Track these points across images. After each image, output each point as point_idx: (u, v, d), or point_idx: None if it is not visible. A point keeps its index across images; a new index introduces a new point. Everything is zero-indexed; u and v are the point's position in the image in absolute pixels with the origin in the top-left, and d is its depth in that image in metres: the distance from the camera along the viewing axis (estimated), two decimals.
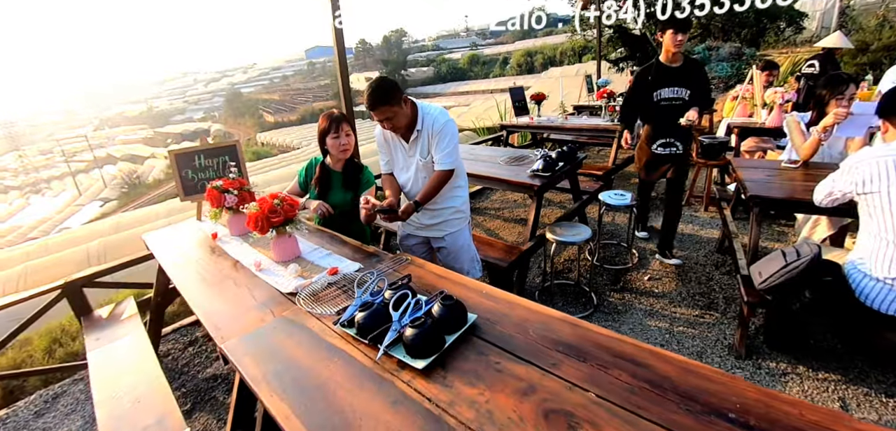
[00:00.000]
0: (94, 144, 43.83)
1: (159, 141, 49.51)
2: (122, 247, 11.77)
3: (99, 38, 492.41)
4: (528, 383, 1.20)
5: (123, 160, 41.18)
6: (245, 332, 1.54)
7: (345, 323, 1.47)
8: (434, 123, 2.19)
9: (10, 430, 2.55)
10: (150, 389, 1.94)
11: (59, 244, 13.34)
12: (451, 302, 1.43)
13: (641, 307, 3.22)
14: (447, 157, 2.18)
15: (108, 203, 30.13)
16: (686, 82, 3.22)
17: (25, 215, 30.45)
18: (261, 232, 1.96)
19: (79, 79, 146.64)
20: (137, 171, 35.42)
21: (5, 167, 44.70)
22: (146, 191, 31.44)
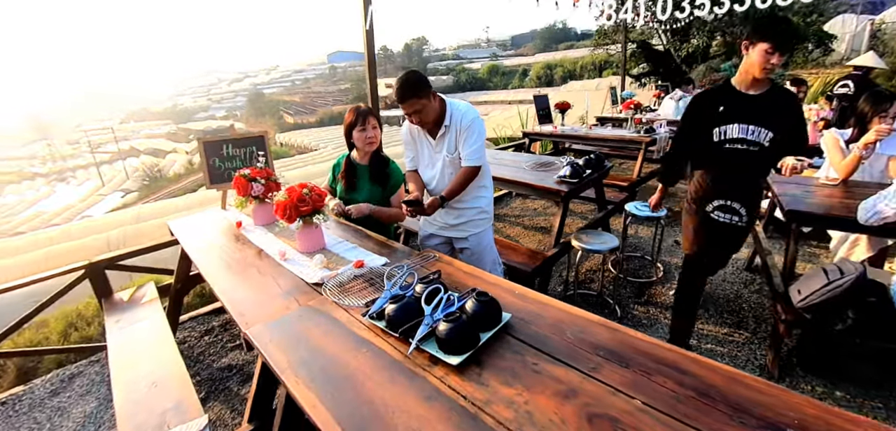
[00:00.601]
0: (119, 137, 44.96)
1: (182, 136, 50.58)
2: (141, 237, 12.00)
3: (128, 35, 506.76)
4: (568, 386, 1.14)
5: (146, 153, 42.13)
6: (270, 319, 1.51)
7: (374, 315, 1.42)
8: (462, 119, 2.15)
9: (25, 407, 2.56)
10: (168, 374, 1.92)
11: (80, 231, 13.66)
12: (485, 299, 1.37)
13: (667, 321, 3.12)
14: (475, 154, 2.14)
15: (129, 194, 30.82)
16: (768, 120, 2.12)
17: (50, 202, 31.29)
18: (288, 221, 1.93)
19: (106, 72, 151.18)
20: (159, 165, 36.17)
21: (34, 155, 46.11)
22: (166, 184, 32.08)
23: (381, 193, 2.53)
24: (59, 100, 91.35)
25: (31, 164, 43.48)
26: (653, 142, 4.61)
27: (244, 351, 2.90)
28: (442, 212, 2.42)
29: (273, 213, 2.54)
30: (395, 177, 2.54)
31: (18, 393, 2.65)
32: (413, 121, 2.15)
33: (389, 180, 2.53)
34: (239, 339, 3.05)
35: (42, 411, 2.51)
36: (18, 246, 12.42)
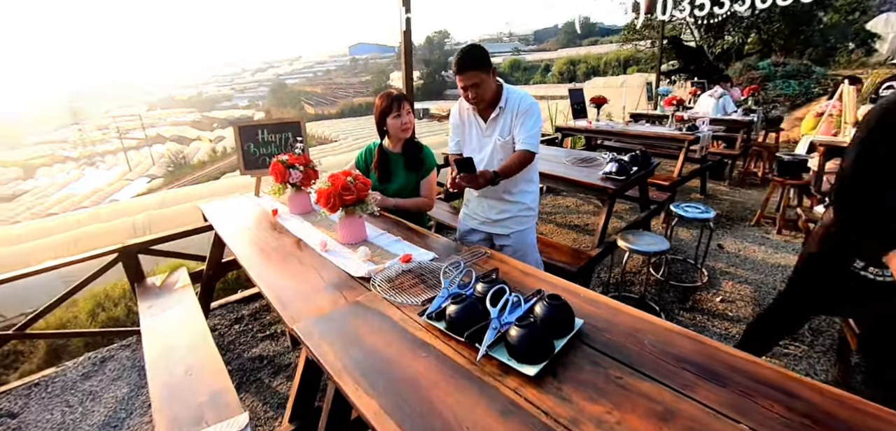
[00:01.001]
0: (146, 124, 46.02)
1: (206, 124, 51.52)
2: (166, 222, 12.21)
3: (155, 25, 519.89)
4: (662, 405, 1.00)
5: (172, 140, 43.04)
6: (316, 314, 1.40)
7: (432, 315, 1.30)
8: (520, 102, 2.02)
9: (57, 389, 2.53)
10: (204, 364, 1.84)
11: (108, 214, 13.98)
12: (558, 303, 1.24)
13: (716, 330, 2.93)
14: (532, 139, 2.00)
15: (154, 179, 31.53)
16: None
17: (80, 185, 32.23)
18: (331, 211, 1.83)
19: (133, 61, 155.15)
20: (183, 152, 36.90)
21: (65, 139, 47.57)
22: (191, 171, 32.70)
23: (415, 180, 2.42)
24: (90, 87, 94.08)
25: (62, 148, 44.87)
26: (696, 140, 4.38)
27: (275, 342, 2.83)
28: (484, 205, 2.30)
29: (310, 202, 2.47)
30: (428, 161, 2.44)
31: (51, 375, 2.63)
32: (468, 97, 2.02)
33: (423, 165, 2.41)
34: (270, 330, 2.98)
35: (74, 394, 2.48)
36: (53, 226, 12.77)
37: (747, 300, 3.22)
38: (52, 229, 12.83)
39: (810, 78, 9.05)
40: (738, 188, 5.73)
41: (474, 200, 2.35)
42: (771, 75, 9.32)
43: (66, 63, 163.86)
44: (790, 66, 9.42)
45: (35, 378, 2.60)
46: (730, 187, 5.75)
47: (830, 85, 8.78)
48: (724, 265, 3.72)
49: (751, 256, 3.87)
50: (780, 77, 9.20)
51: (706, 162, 4.84)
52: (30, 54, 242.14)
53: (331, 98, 57.51)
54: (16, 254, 10.59)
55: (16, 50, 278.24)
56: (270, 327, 3.00)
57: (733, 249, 3.99)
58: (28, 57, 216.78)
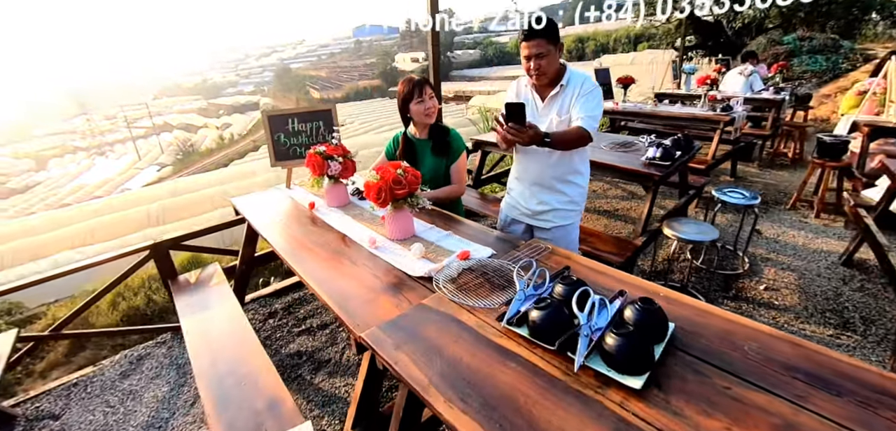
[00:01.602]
0: (153, 112, 46.06)
1: (212, 112, 51.45)
2: (179, 211, 12.24)
3: (158, 11, 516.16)
4: (781, 418, 0.93)
5: (179, 128, 43.06)
6: (381, 319, 1.33)
7: (512, 320, 1.22)
8: (584, 83, 1.91)
9: (97, 389, 2.50)
10: (256, 369, 1.79)
11: (121, 203, 14.05)
12: (651, 307, 1.15)
13: (762, 319, 2.83)
14: (591, 119, 1.88)
15: (164, 168, 31.63)
16: None
17: (91, 175, 32.44)
18: (381, 206, 1.74)
19: (139, 47, 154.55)
20: (191, 140, 36.91)
21: (74, 129, 47.77)
22: (199, 158, 32.77)
23: (445, 166, 2.33)
24: (94, 76, 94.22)
25: (72, 138, 45.12)
26: (731, 121, 4.22)
27: (312, 337, 2.78)
28: (526, 194, 2.19)
29: (347, 194, 2.39)
30: (456, 144, 2.34)
31: (90, 375, 2.60)
32: (529, 68, 1.90)
33: (450, 148, 2.32)
34: (305, 324, 2.93)
35: (114, 394, 2.45)
36: (68, 216, 12.86)
37: (792, 288, 3.12)
38: (67, 220, 12.92)
39: (838, 53, 8.73)
40: (768, 169, 5.56)
41: (517, 189, 2.25)
42: (796, 50, 9.01)
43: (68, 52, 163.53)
44: (816, 41, 9.10)
45: (73, 379, 2.57)
46: (759, 169, 5.59)
47: (859, 60, 8.49)
48: (763, 251, 3.60)
49: (790, 241, 3.75)
50: (805, 52, 8.88)
51: (738, 143, 4.68)
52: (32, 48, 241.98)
53: (336, 82, 57.08)
54: (32, 246, 10.68)
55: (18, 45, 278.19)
56: (305, 321, 2.95)
57: (771, 234, 3.87)
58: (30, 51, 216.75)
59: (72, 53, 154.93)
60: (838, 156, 3.93)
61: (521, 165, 2.17)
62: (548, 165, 2.07)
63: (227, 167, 19.64)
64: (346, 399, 2.28)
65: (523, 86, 2.09)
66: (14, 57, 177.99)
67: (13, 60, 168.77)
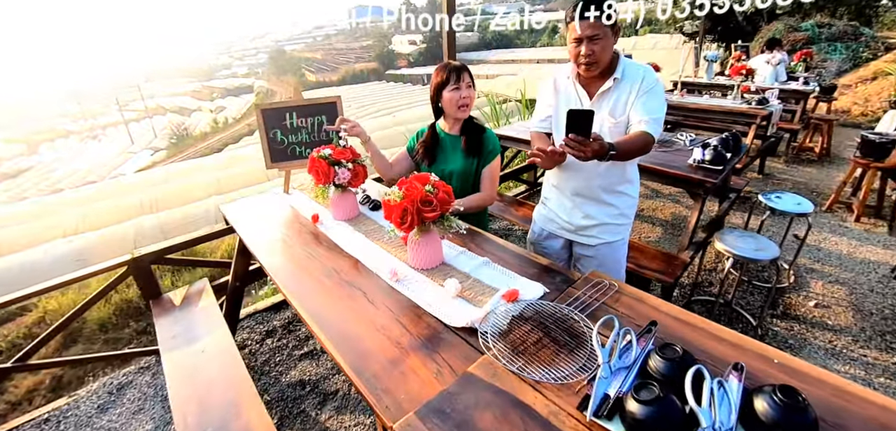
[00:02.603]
0: (146, 95, 45.14)
1: (206, 94, 50.54)
2: (171, 198, 11.88)
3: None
4: None
5: (172, 111, 42.26)
6: (416, 396, 1.01)
7: (600, 412, 0.90)
8: (645, 77, 1.57)
9: (70, 425, 2.19)
10: (249, 427, 1.47)
11: (114, 190, 13.67)
12: (794, 401, 0.83)
13: (817, 342, 2.55)
14: (656, 123, 1.54)
15: (157, 152, 31.01)
16: None
17: (84, 160, 31.79)
18: (407, 230, 1.41)
19: (130, 28, 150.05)
20: (185, 124, 36.21)
21: (65, 113, 46.81)
22: (193, 142, 32.12)
23: (475, 167, 1.99)
24: (84, 57, 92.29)
25: (62, 122, 44.22)
26: (768, 116, 3.89)
27: (316, 362, 2.47)
28: (567, 206, 1.87)
29: (357, 204, 2.06)
30: (491, 145, 1.99)
31: (62, 407, 2.28)
32: (578, 54, 1.55)
33: (483, 149, 1.98)
34: (307, 345, 2.61)
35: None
36: (60, 203, 12.47)
37: (844, 305, 2.83)
38: (60, 206, 12.55)
39: (858, 41, 8.35)
40: (795, 165, 5.25)
41: (555, 199, 1.92)
42: (815, 38, 8.63)
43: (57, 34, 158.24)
44: (835, 28, 8.71)
45: (44, 413, 2.25)
46: (786, 164, 5.27)
47: (880, 48, 8.13)
48: (807, 260, 3.31)
49: (834, 249, 3.45)
50: (824, 40, 8.51)
51: (770, 139, 4.36)
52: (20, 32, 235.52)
53: (332, 64, 56.09)
54: (25, 234, 10.31)
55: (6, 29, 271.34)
56: (307, 342, 2.63)
57: (812, 240, 3.57)
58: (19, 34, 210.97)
59: (61, 35, 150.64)
60: (884, 156, 3.62)
61: (562, 172, 1.83)
62: (595, 173, 1.74)
63: (221, 153, 19.17)
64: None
65: (563, 78, 1.73)
66: (2, 41, 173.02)
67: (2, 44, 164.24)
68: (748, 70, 4.28)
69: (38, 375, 4.36)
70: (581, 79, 1.67)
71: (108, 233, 9.35)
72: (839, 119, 6.84)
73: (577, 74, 1.67)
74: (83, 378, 3.18)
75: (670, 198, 4.46)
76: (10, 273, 7.76)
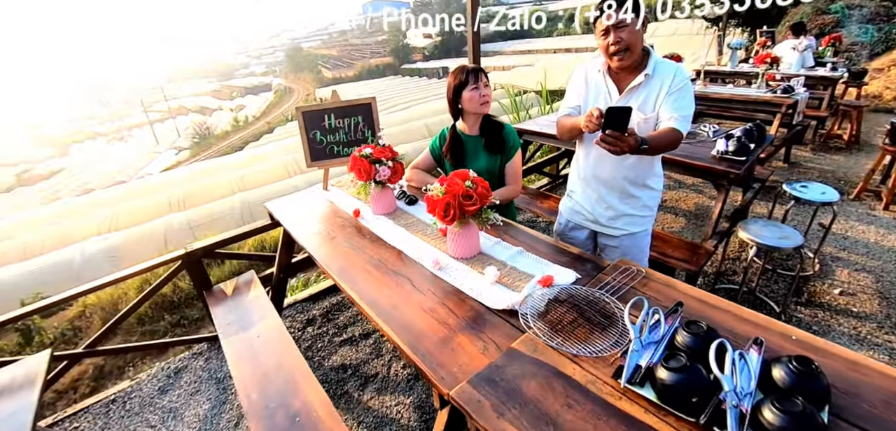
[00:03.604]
0: (168, 95, 46.34)
1: (226, 94, 51.60)
2: (197, 196, 12.26)
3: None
4: None
5: (194, 111, 43.30)
6: (466, 368, 1.14)
7: (633, 380, 1.02)
8: (675, 75, 1.65)
9: (136, 406, 2.40)
10: (308, 402, 1.63)
11: (142, 189, 14.20)
12: (808, 368, 0.94)
13: (843, 330, 2.59)
14: (686, 120, 1.63)
15: (181, 151, 31.90)
16: None
17: (111, 161, 32.91)
18: (448, 223, 1.54)
19: (151, 30, 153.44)
20: (207, 123, 37.11)
21: (92, 115, 48.43)
22: (215, 141, 32.93)
23: (499, 164, 2.11)
24: (108, 60, 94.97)
25: (90, 124, 45.74)
26: (794, 104, 3.89)
27: (355, 348, 2.63)
28: (592, 198, 1.96)
29: (394, 199, 2.20)
30: (512, 141, 2.10)
31: (126, 390, 2.50)
32: (607, 46, 1.63)
33: (505, 145, 2.09)
34: (346, 332, 2.78)
35: (153, 412, 2.34)
36: (92, 203, 13.02)
37: (870, 292, 2.85)
38: (91, 206, 13.11)
39: (891, 21, 8.11)
40: (823, 153, 5.19)
41: (581, 191, 2.01)
42: (844, 20, 8.42)
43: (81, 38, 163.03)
44: (867, 9, 8.46)
45: (111, 394, 2.47)
46: (813, 152, 5.22)
47: None
48: (833, 249, 3.32)
49: (860, 237, 3.45)
50: (855, 22, 8.29)
51: (796, 127, 4.34)
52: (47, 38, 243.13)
53: (347, 60, 56.51)
54: (58, 233, 10.83)
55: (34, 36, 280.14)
56: (346, 329, 2.80)
57: (838, 229, 3.57)
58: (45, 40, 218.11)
59: (85, 39, 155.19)
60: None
61: (588, 164, 1.92)
62: (622, 167, 1.82)
63: (243, 150, 19.66)
64: (399, 420, 2.13)
65: (594, 71, 1.81)
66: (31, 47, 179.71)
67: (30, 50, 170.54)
68: (773, 58, 4.27)
69: (82, 364, 4.67)
70: (611, 73, 1.75)
71: (138, 231, 9.75)
72: (870, 105, 6.69)
73: (607, 68, 1.75)
74: (123, 368, 3.44)
75: (693, 187, 4.49)
76: (46, 271, 8.18)
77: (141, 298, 2.53)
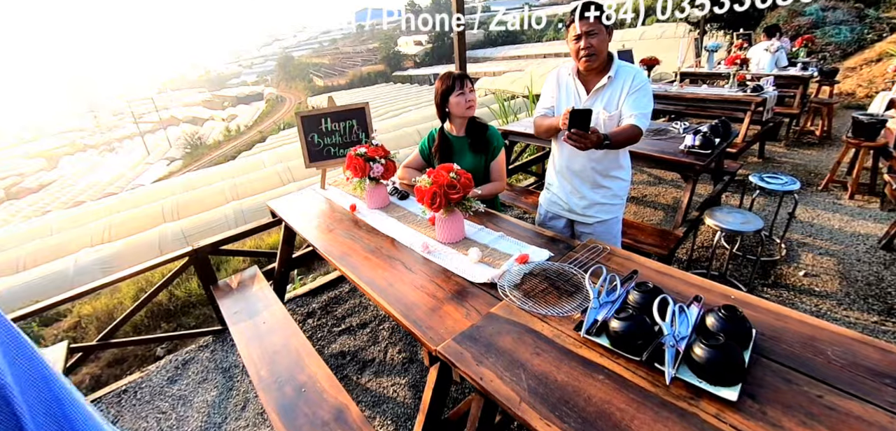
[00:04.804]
0: (159, 106, 46.23)
1: (217, 104, 51.53)
2: (191, 206, 12.32)
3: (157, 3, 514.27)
4: (880, 427, 0.92)
5: (185, 121, 43.24)
6: (452, 331, 1.33)
7: (591, 330, 1.21)
8: (635, 77, 1.88)
9: (147, 395, 2.55)
10: (313, 376, 1.81)
11: (135, 200, 14.21)
12: (733, 314, 1.14)
13: (805, 308, 2.81)
14: (645, 117, 1.85)
15: (173, 162, 31.85)
16: None
17: (102, 172, 32.77)
18: (435, 210, 1.73)
19: (140, 40, 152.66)
20: (198, 133, 37.08)
21: (83, 127, 48.16)
22: (207, 151, 32.92)
23: (484, 163, 2.31)
24: (97, 71, 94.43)
25: (81, 136, 45.49)
26: (763, 102, 4.13)
27: (353, 337, 2.80)
28: (567, 189, 2.17)
29: (387, 195, 2.38)
30: (496, 141, 2.32)
31: (137, 380, 2.65)
32: (578, 50, 1.85)
33: (490, 146, 2.30)
34: (344, 323, 2.95)
35: (164, 400, 2.49)
36: (84, 215, 13.02)
37: (832, 274, 3.08)
38: (83, 218, 13.09)
39: (863, 22, 8.46)
40: (796, 149, 5.45)
41: (557, 183, 2.23)
42: (819, 21, 8.76)
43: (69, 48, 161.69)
44: (840, 11, 8.82)
45: (123, 385, 2.62)
46: (787, 148, 5.48)
47: (885, 29, 8.23)
48: (799, 235, 3.55)
49: (826, 225, 3.69)
50: (830, 23, 8.63)
51: (768, 124, 4.58)
52: (35, 47, 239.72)
53: (339, 68, 56.74)
54: (51, 246, 10.84)
55: (21, 45, 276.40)
56: (344, 320, 2.97)
57: (806, 218, 3.81)
58: (33, 50, 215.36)
59: (74, 51, 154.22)
60: (874, 136, 3.84)
61: (562, 159, 2.14)
62: (591, 160, 2.04)
63: (236, 160, 19.73)
64: (395, 398, 2.30)
65: (565, 74, 2.04)
66: (18, 58, 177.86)
67: (18, 61, 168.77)
68: (743, 59, 4.52)
69: (88, 365, 4.78)
70: (580, 75, 1.98)
71: (133, 241, 9.80)
72: (842, 102, 6.99)
73: (576, 71, 1.98)
74: (121, 376, 3.57)
75: (672, 183, 4.72)
76: (39, 284, 8.17)
77: (151, 293, 2.69)
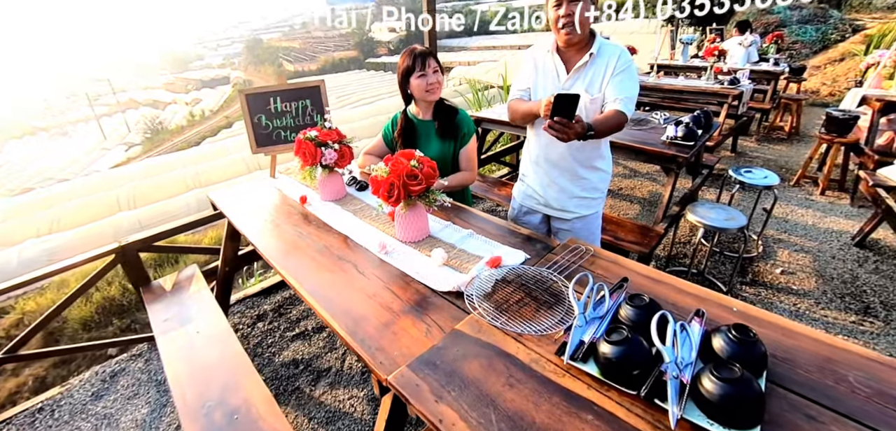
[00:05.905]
0: (117, 88, 43.74)
1: (180, 87, 49.20)
2: (150, 194, 11.61)
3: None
4: None
5: (145, 105, 41.04)
6: (408, 352, 1.09)
7: (576, 356, 0.99)
8: (620, 57, 1.66)
9: (65, 414, 2.21)
10: (249, 398, 1.53)
11: (88, 188, 13.28)
12: (746, 335, 0.94)
13: (783, 306, 2.72)
14: (630, 102, 1.65)
15: (132, 147, 30.18)
16: None
17: (53, 158, 30.74)
18: (394, 204, 1.48)
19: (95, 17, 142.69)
20: (160, 117, 35.24)
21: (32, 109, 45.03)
22: (169, 136, 31.35)
23: (452, 150, 2.06)
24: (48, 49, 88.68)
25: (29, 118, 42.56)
26: (739, 95, 4.05)
27: (308, 342, 2.53)
28: (544, 181, 1.95)
29: (343, 185, 2.11)
30: (466, 127, 2.06)
31: (56, 397, 2.29)
32: (558, 19, 1.63)
33: (459, 132, 2.04)
34: (298, 327, 2.66)
35: (86, 419, 2.15)
36: (31, 203, 12.06)
37: (808, 271, 3.00)
38: (30, 207, 12.15)
39: (827, 23, 8.66)
40: (766, 143, 5.46)
41: (532, 175, 2.00)
42: (786, 20, 8.91)
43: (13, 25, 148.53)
44: (806, 11, 9.00)
45: (38, 402, 2.26)
46: (758, 143, 5.48)
47: (848, 30, 8.45)
48: (774, 231, 3.49)
49: (800, 220, 3.64)
50: (795, 22, 8.79)
51: (742, 118, 4.53)
52: None
53: (310, 53, 55.06)
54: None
55: None
56: (299, 323, 2.68)
57: (779, 213, 3.76)
58: None
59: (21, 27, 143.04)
60: (847, 132, 3.81)
61: (538, 148, 1.92)
62: (570, 149, 1.82)
63: (200, 145, 18.79)
64: (353, 414, 2.05)
65: (542, 53, 1.81)
66: None
67: None
68: (720, 51, 4.45)
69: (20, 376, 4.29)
70: (560, 51, 1.75)
71: (83, 232, 9.10)
72: (808, 99, 7.10)
73: (555, 47, 1.75)
74: (67, 377, 3.19)
75: (648, 176, 4.61)
76: None
77: (66, 299, 2.32)
